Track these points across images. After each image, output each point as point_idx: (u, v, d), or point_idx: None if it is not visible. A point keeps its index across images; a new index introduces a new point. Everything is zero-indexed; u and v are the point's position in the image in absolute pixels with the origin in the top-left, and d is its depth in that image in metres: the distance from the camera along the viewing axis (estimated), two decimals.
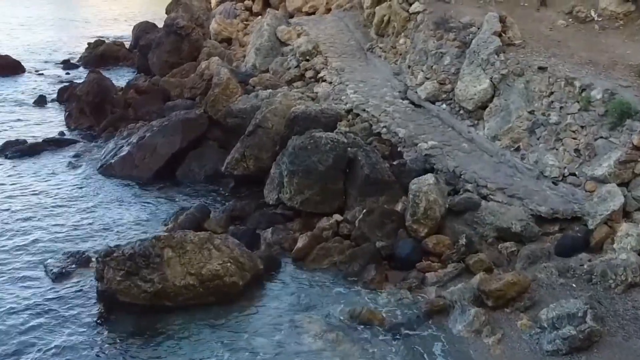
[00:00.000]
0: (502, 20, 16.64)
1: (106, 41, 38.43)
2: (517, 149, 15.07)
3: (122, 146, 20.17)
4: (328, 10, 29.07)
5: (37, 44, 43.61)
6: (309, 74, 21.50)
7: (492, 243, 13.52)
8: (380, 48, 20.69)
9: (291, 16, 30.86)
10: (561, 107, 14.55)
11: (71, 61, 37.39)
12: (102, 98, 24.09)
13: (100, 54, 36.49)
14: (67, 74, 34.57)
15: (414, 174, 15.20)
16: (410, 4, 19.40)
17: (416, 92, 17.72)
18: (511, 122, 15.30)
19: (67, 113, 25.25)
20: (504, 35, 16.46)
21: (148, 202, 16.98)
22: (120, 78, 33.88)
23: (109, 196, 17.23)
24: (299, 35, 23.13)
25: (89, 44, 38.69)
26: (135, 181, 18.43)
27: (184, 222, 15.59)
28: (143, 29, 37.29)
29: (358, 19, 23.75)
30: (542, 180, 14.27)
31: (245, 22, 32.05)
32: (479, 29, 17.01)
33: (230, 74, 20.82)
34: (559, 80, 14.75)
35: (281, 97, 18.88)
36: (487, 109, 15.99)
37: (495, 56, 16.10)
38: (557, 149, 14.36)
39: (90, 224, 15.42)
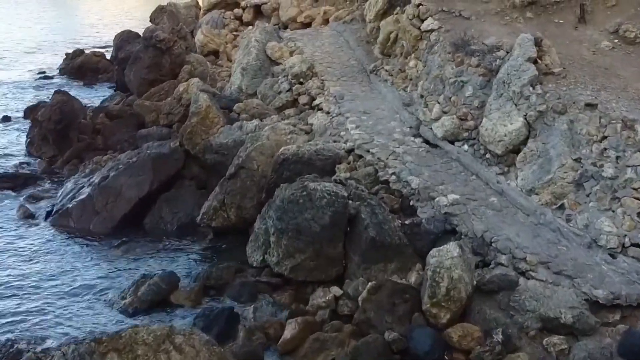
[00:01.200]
0: (537, 43, 13.59)
1: (86, 51, 35.35)
2: (561, 208, 12.03)
3: (83, 186, 17.11)
4: (326, 22, 26.01)
5: (16, 48, 40.63)
6: (302, 99, 18.46)
7: (536, 336, 10.52)
8: (387, 71, 17.64)
9: (285, 27, 27.85)
10: (618, 157, 11.53)
11: (47, 73, 34.43)
12: (67, 124, 21.04)
13: (79, 66, 33.50)
14: (40, 88, 31.55)
15: (431, 237, 12.26)
16: (422, 20, 16.34)
17: (431, 128, 14.66)
18: (552, 173, 12.27)
19: (28, 140, 22.21)
20: (540, 61, 13.42)
21: (105, 266, 13.91)
22: (96, 95, 30.99)
23: (57, 258, 14.17)
24: (291, 53, 20.06)
25: (67, 54, 35.70)
26: (94, 235, 15.36)
27: (146, 295, 12.60)
28: (125, 39, 34.15)
29: (359, 33, 20.68)
30: (596, 250, 11.25)
31: (234, 33, 28.95)
32: (508, 53, 13.95)
33: (210, 100, 17.77)
34: (614, 122, 11.74)
35: (269, 131, 15.90)
36: (521, 154, 12.97)
37: (531, 88, 13.06)
38: (614, 211, 11.33)
39: (23, 301, 12.33)
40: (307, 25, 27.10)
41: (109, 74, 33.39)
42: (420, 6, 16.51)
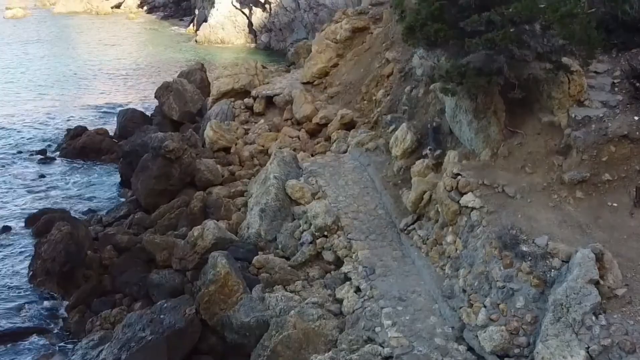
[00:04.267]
0: (598, 258, 12.29)
1: (88, 128, 33.99)
2: None
3: None
4: (343, 127, 24.74)
5: (11, 116, 39.06)
6: (327, 255, 17.18)
7: None
8: (420, 236, 16.30)
9: (299, 123, 26.61)
10: None
11: (48, 152, 33.10)
12: (72, 265, 19.74)
13: (81, 147, 32.19)
14: (42, 176, 30.25)
15: None
16: (462, 194, 15.00)
17: (477, 336, 13.35)
18: None
19: (30, 272, 20.87)
20: (601, 281, 12.12)
21: None
22: (100, 179, 29.77)
23: None
24: (313, 195, 18.72)
25: (68, 130, 34.38)
26: None
27: None
28: (129, 118, 33.13)
29: (386, 170, 19.32)
30: None
31: (245, 127, 27.67)
32: (564, 262, 12.65)
33: (229, 265, 16.42)
34: None
35: (295, 318, 14.58)
36: None
37: (593, 318, 11.76)
38: None
39: None
40: (322, 126, 25.86)
41: (112, 154, 32.19)
42: (459, 177, 15.18)
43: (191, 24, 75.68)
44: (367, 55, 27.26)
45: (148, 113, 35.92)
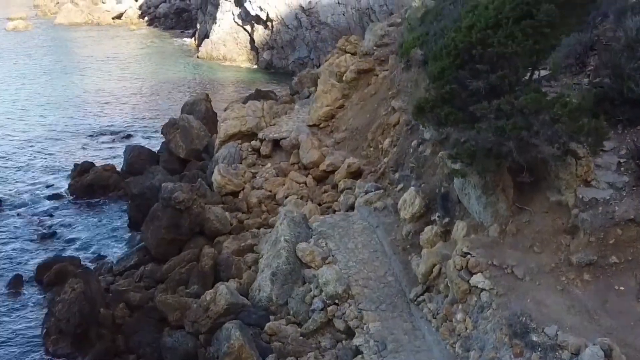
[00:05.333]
0: (607, 354, 12.64)
1: (95, 164, 34.31)
2: None
3: None
4: (351, 176, 25.06)
5: (16, 143, 39.30)
6: (338, 324, 17.49)
7: None
8: (430, 309, 16.64)
9: (306, 168, 26.93)
10: None
11: (55, 186, 33.44)
12: (86, 325, 20.06)
13: (89, 184, 32.50)
14: (51, 215, 30.58)
15: None
16: (472, 273, 15.33)
17: None
18: None
19: (44, 329, 21.19)
20: None
21: None
22: (109, 219, 30.13)
23: None
24: (324, 260, 19.05)
25: (75, 165, 34.69)
26: None
27: None
28: (136, 155, 33.46)
29: (394, 233, 19.66)
30: None
31: (252, 170, 27.99)
32: (573, 355, 12.98)
33: (243, 337, 16.76)
34: None
35: None
36: None
37: None
38: None
39: None
40: (329, 173, 26.18)
41: (119, 190, 32.54)
42: (469, 257, 15.51)
43: (193, 38, 75.98)
44: (373, 101, 27.57)
45: (154, 148, 36.27)
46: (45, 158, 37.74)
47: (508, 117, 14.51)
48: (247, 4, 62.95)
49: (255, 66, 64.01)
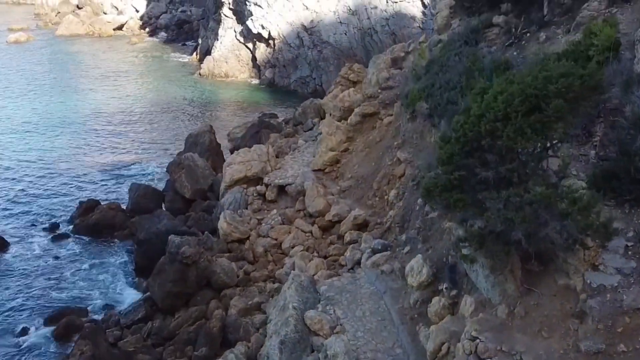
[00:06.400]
0: None
1: (100, 202, 34.42)
2: None
3: None
4: (356, 228, 25.17)
5: (17, 186, 39.10)
6: None
7: None
8: None
9: (311, 216, 27.05)
10: None
11: (61, 227, 33.54)
12: None
13: (94, 223, 32.61)
14: (57, 257, 30.72)
15: None
16: (481, 359, 15.45)
17: None
18: None
19: None
20: None
21: None
22: (115, 263, 30.24)
23: None
24: (332, 329, 19.18)
25: (80, 202, 34.79)
26: None
27: None
28: (142, 195, 33.56)
29: (402, 300, 19.77)
30: None
31: (258, 217, 28.08)
32: None
33: None
34: None
35: None
36: None
37: None
38: None
39: None
40: (335, 223, 26.27)
41: (124, 230, 32.66)
42: (478, 341, 15.63)
43: (194, 53, 75.94)
44: (378, 148, 27.67)
45: (159, 178, 36.41)
46: (48, 190, 37.81)
47: (517, 208, 14.61)
48: (249, 22, 63.02)
49: (257, 83, 64.08)
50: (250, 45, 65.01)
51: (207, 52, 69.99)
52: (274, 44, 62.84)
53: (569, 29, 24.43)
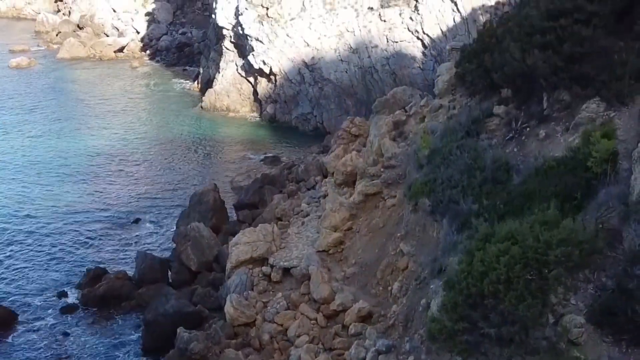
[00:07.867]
0: None
1: (107, 270, 35.00)
2: None
3: None
4: (361, 319, 25.76)
5: (21, 248, 39.41)
6: None
7: None
8: None
9: (316, 301, 27.66)
10: None
11: (69, 299, 34.11)
12: None
13: (102, 295, 33.22)
14: (66, 334, 31.30)
15: None
16: None
17: None
18: None
19: None
20: None
21: None
22: (123, 342, 30.73)
23: None
24: None
25: (88, 269, 35.39)
26: None
27: None
28: (148, 266, 34.11)
29: None
30: None
31: (263, 300, 28.69)
32: None
33: None
34: None
35: None
36: None
37: None
38: None
39: None
40: (340, 312, 26.84)
41: (132, 301, 33.23)
42: None
43: (195, 82, 76.37)
44: (382, 234, 28.21)
45: (164, 236, 36.96)
46: (51, 250, 38.29)
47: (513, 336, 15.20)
48: (250, 57, 63.47)
49: (259, 118, 64.57)
50: (251, 79, 65.49)
51: (209, 82, 70.43)
52: (275, 80, 63.32)
53: (567, 127, 24.92)
